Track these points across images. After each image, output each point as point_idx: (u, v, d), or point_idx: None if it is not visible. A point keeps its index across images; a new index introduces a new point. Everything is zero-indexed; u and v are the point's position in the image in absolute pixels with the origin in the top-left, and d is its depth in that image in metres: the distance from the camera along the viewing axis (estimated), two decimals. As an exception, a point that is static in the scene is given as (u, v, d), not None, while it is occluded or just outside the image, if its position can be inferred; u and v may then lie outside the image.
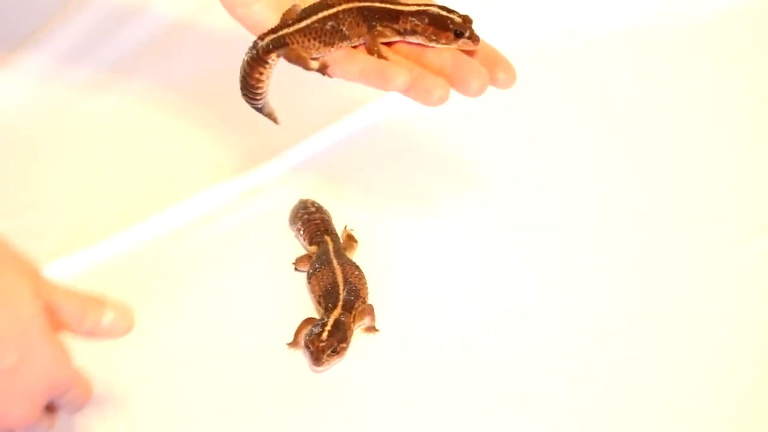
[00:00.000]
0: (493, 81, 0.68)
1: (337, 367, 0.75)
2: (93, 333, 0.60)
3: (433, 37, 0.69)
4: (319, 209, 0.88)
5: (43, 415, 0.58)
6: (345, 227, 0.87)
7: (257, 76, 0.70)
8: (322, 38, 0.69)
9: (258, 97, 0.72)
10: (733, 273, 0.84)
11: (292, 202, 0.89)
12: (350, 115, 0.97)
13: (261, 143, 0.95)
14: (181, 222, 0.88)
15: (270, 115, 0.74)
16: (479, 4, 1.11)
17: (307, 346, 0.74)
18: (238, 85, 0.72)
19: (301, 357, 0.76)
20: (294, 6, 0.70)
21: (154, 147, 0.96)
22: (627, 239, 0.88)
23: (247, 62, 0.70)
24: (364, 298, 0.79)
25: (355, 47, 0.71)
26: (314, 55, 0.70)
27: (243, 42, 0.72)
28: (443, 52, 0.69)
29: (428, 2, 0.71)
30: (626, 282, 0.83)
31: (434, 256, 0.85)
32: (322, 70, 0.70)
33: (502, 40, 1.09)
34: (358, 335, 0.78)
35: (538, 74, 1.07)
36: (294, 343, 0.77)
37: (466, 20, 0.69)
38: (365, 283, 0.80)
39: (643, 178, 0.95)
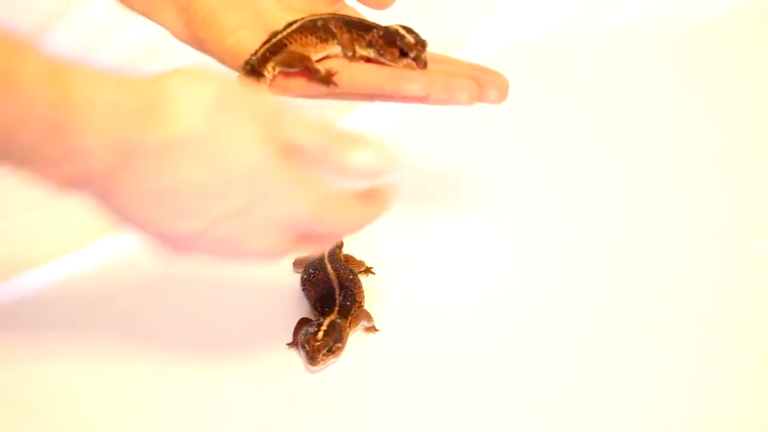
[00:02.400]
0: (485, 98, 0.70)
1: (333, 367, 0.75)
2: (342, 172, 0.59)
3: (381, 52, 0.69)
4: (320, 212, 0.88)
5: (297, 246, 0.60)
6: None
7: None
8: (318, 34, 0.69)
9: None
10: (734, 274, 0.84)
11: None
12: (346, 117, 0.97)
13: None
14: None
15: None
16: (479, 4, 1.11)
17: (302, 346, 0.74)
18: None
19: (297, 357, 0.76)
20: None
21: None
22: (627, 240, 0.88)
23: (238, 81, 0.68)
24: (360, 302, 0.79)
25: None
26: (314, 57, 0.69)
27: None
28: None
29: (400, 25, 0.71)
30: (626, 283, 0.83)
31: (431, 258, 0.86)
32: (328, 77, 0.68)
33: (503, 40, 1.10)
34: (355, 335, 0.78)
35: (537, 74, 1.07)
36: (293, 343, 0.77)
37: (419, 43, 0.68)
38: (361, 288, 0.80)
39: (642, 179, 0.95)
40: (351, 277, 0.80)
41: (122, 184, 0.55)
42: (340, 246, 0.85)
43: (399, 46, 0.68)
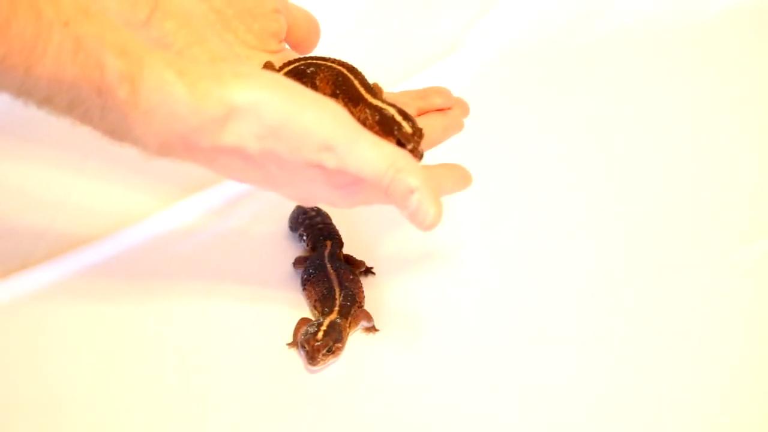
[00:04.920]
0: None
1: (333, 367, 0.75)
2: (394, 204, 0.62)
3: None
4: (319, 212, 0.88)
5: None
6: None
7: None
8: (302, 79, 0.67)
9: None
10: (733, 274, 0.84)
11: (292, 203, 0.89)
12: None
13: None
14: (181, 222, 0.88)
15: None
16: (479, 4, 1.12)
17: (302, 346, 0.74)
18: None
19: (296, 357, 0.76)
20: (267, 62, 0.70)
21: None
22: (626, 240, 0.88)
23: None
24: (360, 302, 0.79)
25: None
26: None
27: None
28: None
29: (398, 102, 0.67)
30: (625, 283, 0.83)
31: (431, 258, 0.86)
32: None
33: (503, 40, 1.10)
34: (355, 335, 0.78)
35: (537, 74, 1.07)
36: (294, 343, 0.77)
37: (416, 133, 0.64)
38: (361, 288, 0.80)
39: (642, 179, 0.95)
40: (351, 277, 0.80)
41: (172, 159, 0.61)
42: (340, 246, 0.85)
43: (396, 136, 0.64)
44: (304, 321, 0.77)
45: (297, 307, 0.80)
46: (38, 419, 0.71)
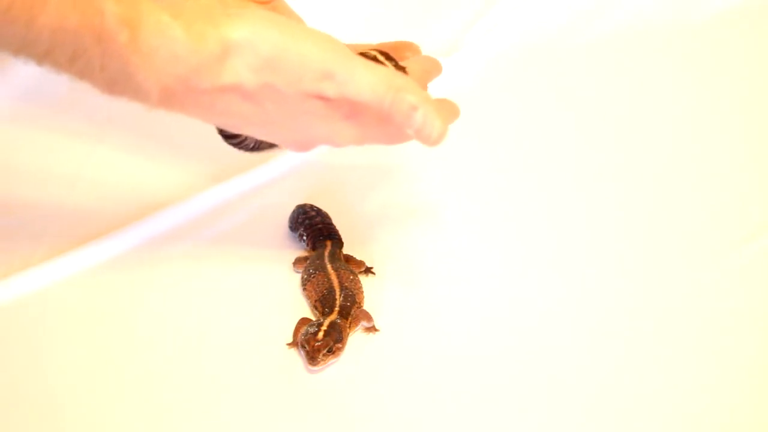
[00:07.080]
0: None
1: (333, 367, 0.75)
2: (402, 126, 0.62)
3: None
4: (319, 212, 0.88)
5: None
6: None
7: None
8: None
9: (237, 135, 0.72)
10: (734, 273, 0.84)
11: (292, 203, 0.89)
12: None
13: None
14: (181, 222, 0.88)
15: (263, 146, 0.73)
16: (479, 4, 1.12)
17: (302, 346, 0.74)
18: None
19: (297, 357, 0.76)
20: None
21: (154, 147, 0.96)
22: (627, 240, 0.88)
23: None
24: (360, 303, 0.79)
25: None
26: None
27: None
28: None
29: (379, 47, 0.70)
30: (625, 282, 0.83)
31: (431, 258, 0.86)
32: None
33: (502, 40, 1.11)
34: (355, 335, 0.78)
35: (537, 74, 1.07)
36: (293, 343, 0.77)
37: (400, 71, 0.67)
38: (361, 288, 0.81)
39: (642, 178, 0.95)
40: (351, 277, 0.80)
41: (172, 108, 0.61)
42: (340, 246, 0.85)
43: None
44: (304, 321, 0.77)
45: (297, 307, 0.81)
46: (38, 419, 0.71)
